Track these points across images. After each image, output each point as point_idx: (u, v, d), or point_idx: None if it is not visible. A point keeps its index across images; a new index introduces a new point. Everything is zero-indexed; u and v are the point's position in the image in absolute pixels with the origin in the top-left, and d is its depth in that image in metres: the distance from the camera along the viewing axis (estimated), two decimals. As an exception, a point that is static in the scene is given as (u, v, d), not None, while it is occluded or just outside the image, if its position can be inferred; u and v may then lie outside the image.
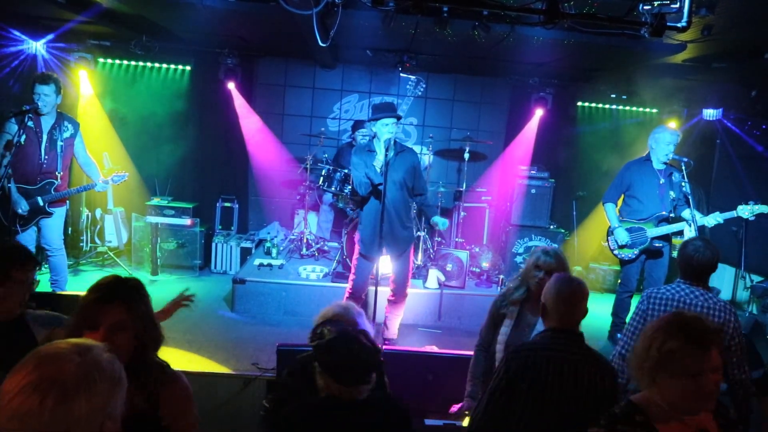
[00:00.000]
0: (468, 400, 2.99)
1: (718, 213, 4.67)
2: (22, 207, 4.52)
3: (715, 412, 1.78)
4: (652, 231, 4.84)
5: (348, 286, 4.64)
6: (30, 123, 4.39)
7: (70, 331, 1.80)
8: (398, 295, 4.63)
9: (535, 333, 2.40)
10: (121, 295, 1.82)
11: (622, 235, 4.89)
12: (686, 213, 4.86)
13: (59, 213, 4.77)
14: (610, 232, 5.04)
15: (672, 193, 4.85)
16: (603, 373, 2.17)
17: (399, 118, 4.34)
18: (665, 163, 4.91)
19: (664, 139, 4.81)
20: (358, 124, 6.70)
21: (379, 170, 4.25)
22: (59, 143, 4.64)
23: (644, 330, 1.76)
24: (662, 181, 4.88)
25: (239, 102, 7.06)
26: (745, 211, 4.57)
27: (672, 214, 4.93)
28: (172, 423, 1.83)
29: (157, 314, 2.11)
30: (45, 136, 4.59)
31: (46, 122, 4.60)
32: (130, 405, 1.79)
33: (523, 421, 2.15)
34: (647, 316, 2.96)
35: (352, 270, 4.61)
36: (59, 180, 4.68)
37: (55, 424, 1.06)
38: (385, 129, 4.21)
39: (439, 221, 4.63)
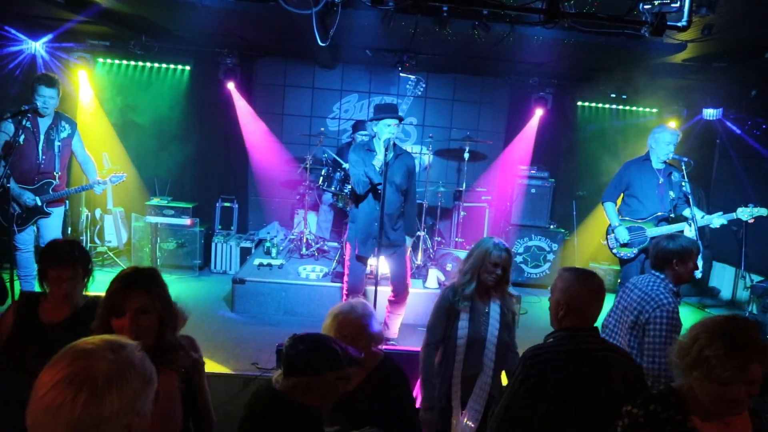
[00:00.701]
0: (425, 412, 2.87)
1: (721, 213, 4.67)
2: (28, 197, 4.50)
3: (751, 411, 1.78)
4: (652, 230, 4.83)
5: (344, 287, 4.64)
6: (27, 123, 4.38)
7: (99, 320, 1.96)
8: (399, 295, 4.59)
9: (547, 334, 2.28)
10: (141, 282, 2.01)
11: (622, 234, 4.88)
12: (687, 212, 4.86)
13: (57, 213, 4.76)
14: (610, 230, 5.04)
15: (671, 193, 4.85)
16: (630, 365, 2.15)
17: (401, 119, 4.33)
18: (665, 163, 4.91)
19: (664, 138, 4.80)
20: (358, 125, 6.69)
21: (378, 170, 4.25)
22: (56, 143, 4.64)
23: (694, 325, 1.76)
24: (661, 180, 4.88)
25: (239, 102, 7.05)
26: (745, 213, 4.59)
27: (672, 214, 4.93)
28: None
29: None
30: (42, 137, 4.58)
31: (44, 122, 4.59)
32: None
33: (550, 427, 2.03)
34: (619, 298, 3.11)
35: (345, 271, 4.61)
36: (57, 180, 4.67)
37: (86, 419, 1.09)
38: (387, 130, 4.20)
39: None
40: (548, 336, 2.24)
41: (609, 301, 2.39)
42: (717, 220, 4.64)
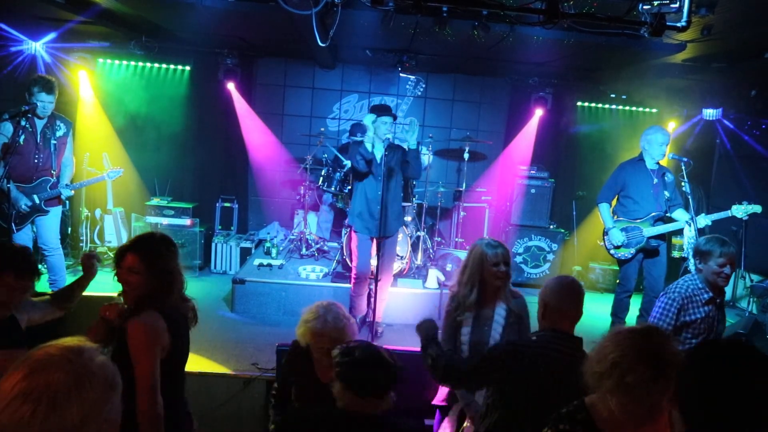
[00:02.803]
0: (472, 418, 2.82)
1: (704, 215, 4.69)
2: (25, 203, 4.53)
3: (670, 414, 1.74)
4: (649, 230, 4.85)
5: (352, 272, 4.91)
6: (26, 124, 4.40)
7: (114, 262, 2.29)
8: (385, 276, 4.83)
9: (534, 332, 2.40)
10: (138, 246, 2.28)
11: (616, 236, 4.90)
12: (677, 214, 4.88)
13: (55, 212, 4.77)
14: (605, 232, 5.06)
15: (666, 193, 4.87)
16: None
17: (395, 117, 4.78)
18: (658, 163, 4.95)
19: (657, 139, 4.84)
20: (355, 128, 6.71)
21: (378, 161, 4.66)
22: (52, 142, 4.67)
23: (604, 344, 1.68)
24: (656, 180, 4.92)
25: (239, 102, 7.06)
26: (739, 210, 4.61)
27: (667, 214, 4.95)
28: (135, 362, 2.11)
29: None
30: (39, 136, 4.61)
31: (39, 122, 4.63)
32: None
33: (506, 409, 2.26)
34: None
35: (354, 253, 4.89)
36: (55, 177, 4.70)
37: None
38: (384, 127, 4.60)
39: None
40: (533, 334, 2.39)
41: (590, 301, 2.40)
42: (702, 220, 4.66)
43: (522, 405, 2.23)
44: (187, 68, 7.10)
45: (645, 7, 2.96)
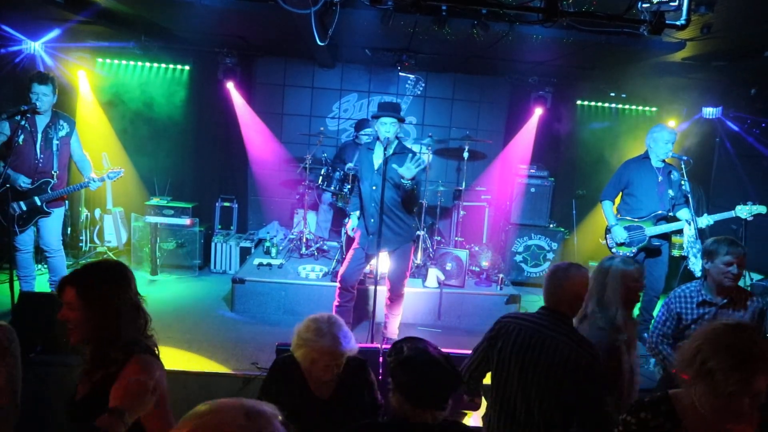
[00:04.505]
0: None
1: (706, 215, 4.68)
2: (23, 181, 4.46)
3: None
4: (651, 229, 4.83)
5: (338, 279, 4.59)
6: (25, 123, 4.37)
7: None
8: (393, 294, 4.60)
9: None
10: (74, 279, 2.00)
11: (619, 233, 4.89)
12: (681, 213, 4.86)
13: (57, 213, 4.75)
14: (607, 230, 5.04)
15: (670, 192, 4.84)
16: (582, 354, 2.32)
17: (401, 120, 4.29)
18: (664, 161, 4.91)
19: (663, 137, 4.80)
20: (362, 124, 6.69)
21: (377, 168, 4.26)
22: (54, 142, 4.63)
23: (695, 333, 1.70)
24: (660, 179, 4.88)
25: (238, 102, 7.05)
26: (744, 211, 4.56)
27: (670, 213, 4.93)
28: (127, 408, 1.78)
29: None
30: (40, 136, 4.56)
31: (41, 121, 4.58)
32: (88, 382, 1.92)
33: (497, 376, 2.51)
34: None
35: (346, 258, 4.58)
36: (56, 179, 4.66)
37: None
38: (383, 128, 4.21)
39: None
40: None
41: None
42: (703, 220, 4.65)
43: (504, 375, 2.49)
44: (187, 68, 7.09)
45: (644, 5, 2.96)
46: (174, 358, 4.15)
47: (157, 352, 2.10)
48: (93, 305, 1.95)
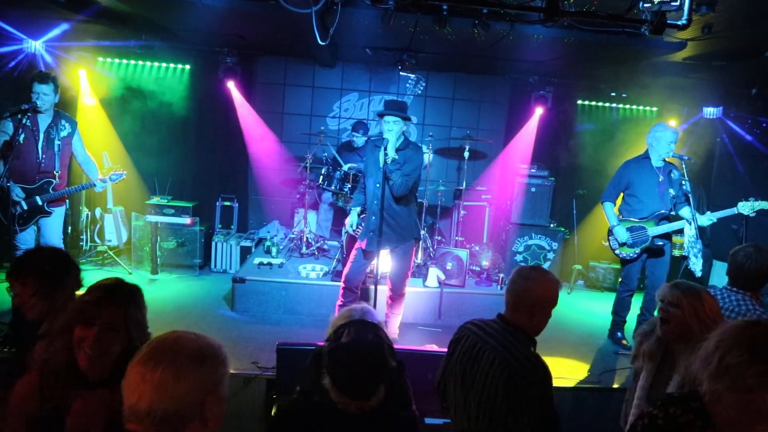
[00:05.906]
0: None
1: (709, 213, 4.68)
2: (17, 194, 4.47)
3: None
4: (653, 229, 4.83)
5: (342, 279, 4.62)
6: (27, 122, 4.36)
7: (64, 324, 1.87)
8: (394, 294, 4.63)
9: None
10: (120, 298, 1.90)
11: (621, 233, 4.88)
12: (684, 211, 4.86)
13: (58, 213, 4.75)
14: (610, 231, 5.03)
15: (672, 191, 4.84)
16: (518, 372, 2.15)
17: (407, 119, 4.30)
18: (664, 161, 4.90)
19: (666, 137, 4.79)
20: (357, 126, 6.71)
21: (381, 165, 4.26)
22: (56, 142, 4.63)
23: (713, 333, 1.66)
24: (661, 178, 4.87)
25: (239, 101, 7.05)
26: (746, 207, 4.55)
27: (672, 212, 4.92)
28: None
29: None
30: (42, 135, 4.56)
31: (43, 121, 4.58)
32: (108, 410, 1.82)
33: (447, 384, 2.46)
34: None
35: (349, 258, 4.62)
36: (57, 179, 4.65)
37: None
38: (385, 126, 4.25)
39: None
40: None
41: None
42: (705, 219, 4.65)
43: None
44: (187, 67, 7.09)
45: (645, 5, 2.96)
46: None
47: None
48: (135, 326, 1.94)
